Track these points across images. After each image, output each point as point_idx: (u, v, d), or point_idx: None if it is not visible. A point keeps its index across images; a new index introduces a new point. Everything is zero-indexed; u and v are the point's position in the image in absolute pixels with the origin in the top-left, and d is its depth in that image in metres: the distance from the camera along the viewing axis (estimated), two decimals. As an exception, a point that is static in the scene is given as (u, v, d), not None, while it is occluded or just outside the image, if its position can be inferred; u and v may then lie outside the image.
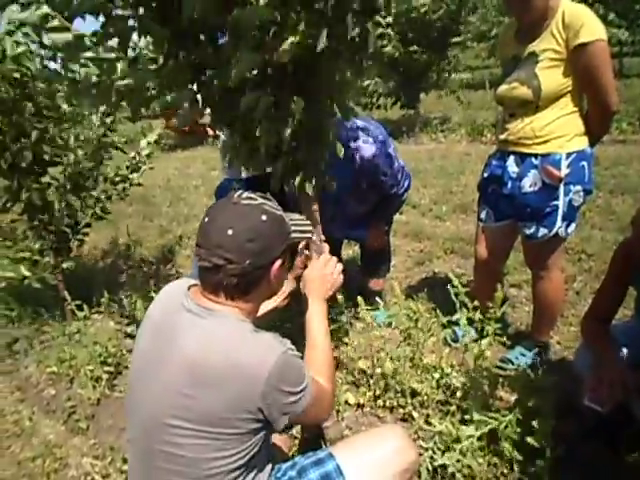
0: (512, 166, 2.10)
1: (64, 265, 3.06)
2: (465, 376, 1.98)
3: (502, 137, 2.13)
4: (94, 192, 3.07)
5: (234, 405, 1.07)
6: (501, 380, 1.88)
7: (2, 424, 2.38)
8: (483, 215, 2.33)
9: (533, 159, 2.02)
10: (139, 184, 3.22)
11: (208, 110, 1.46)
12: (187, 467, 1.09)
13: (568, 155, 1.96)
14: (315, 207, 1.70)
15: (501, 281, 2.02)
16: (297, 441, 1.91)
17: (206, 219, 1.19)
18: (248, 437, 1.11)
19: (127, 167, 3.21)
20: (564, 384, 1.92)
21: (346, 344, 2.33)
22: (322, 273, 1.48)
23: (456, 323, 2.08)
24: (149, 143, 3.15)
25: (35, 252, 3.16)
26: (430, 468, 1.73)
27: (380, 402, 2.07)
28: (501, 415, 1.74)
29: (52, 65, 1.83)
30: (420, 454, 1.77)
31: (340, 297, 2.16)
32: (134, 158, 3.21)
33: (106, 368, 2.55)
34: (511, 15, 2.11)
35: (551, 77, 1.91)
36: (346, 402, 2.10)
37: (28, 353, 2.94)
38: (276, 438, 1.60)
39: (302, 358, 1.27)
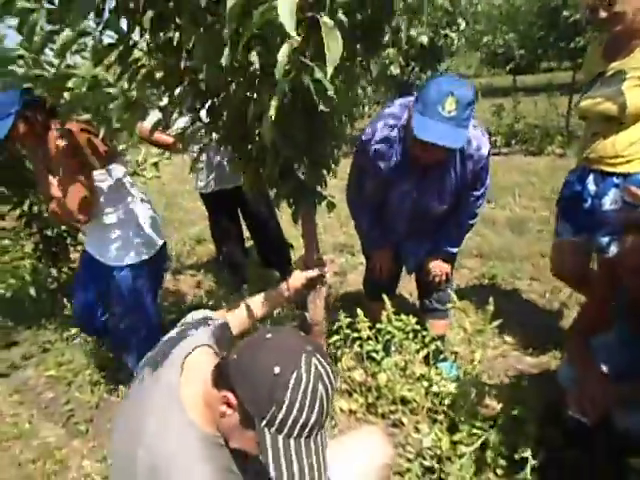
0: (591, 184, 2.14)
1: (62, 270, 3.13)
2: (454, 385, 2.06)
3: (584, 155, 2.17)
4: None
5: None
6: (487, 389, 1.96)
7: (1, 426, 2.42)
8: (561, 229, 2.36)
9: (614, 178, 2.05)
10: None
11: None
12: None
13: None
14: (314, 229, 1.77)
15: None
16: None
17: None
18: None
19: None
20: (548, 394, 2.01)
21: (343, 354, 2.39)
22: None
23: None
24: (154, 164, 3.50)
25: (33, 257, 3.22)
26: (419, 473, 1.80)
27: (372, 409, 2.15)
28: (487, 424, 1.82)
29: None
30: (409, 460, 1.85)
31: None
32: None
33: (104, 373, 2.61)
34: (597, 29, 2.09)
35: (638, 95, 1.93)
36: (340, 409, 2.17)
37: (26, 356, 2.99)
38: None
39: None
